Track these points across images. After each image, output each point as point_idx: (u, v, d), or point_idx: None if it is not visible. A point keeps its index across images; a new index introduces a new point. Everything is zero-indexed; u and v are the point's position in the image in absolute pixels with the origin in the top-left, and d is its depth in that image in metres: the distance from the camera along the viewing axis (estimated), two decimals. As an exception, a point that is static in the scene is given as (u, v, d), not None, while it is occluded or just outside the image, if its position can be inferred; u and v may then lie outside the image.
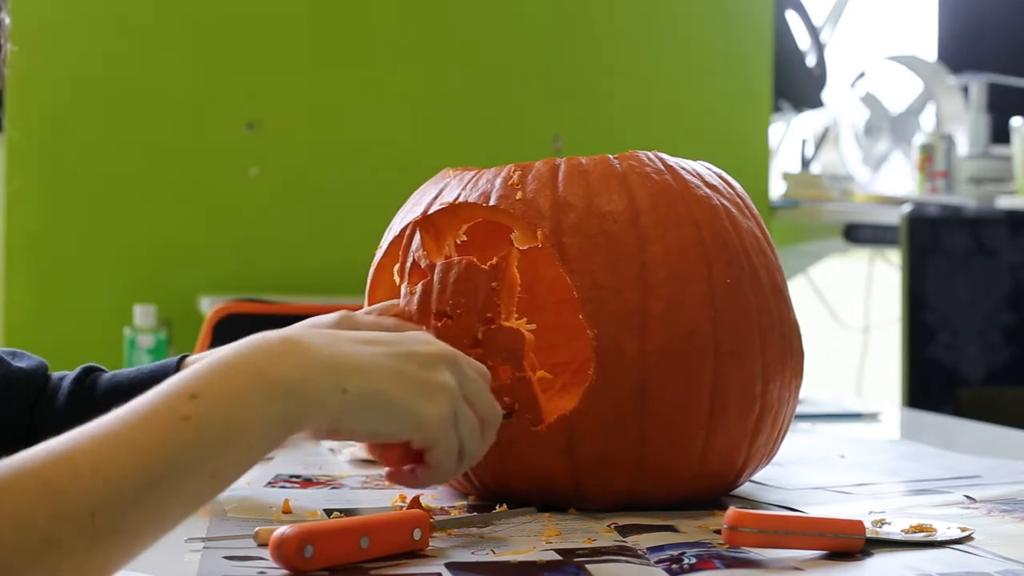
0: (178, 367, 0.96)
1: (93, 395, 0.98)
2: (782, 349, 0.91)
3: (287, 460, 1.11)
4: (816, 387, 1.66)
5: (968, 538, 0.78)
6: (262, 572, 0.70)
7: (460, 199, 0.92)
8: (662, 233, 0.88)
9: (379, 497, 0.95)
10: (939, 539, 0.78)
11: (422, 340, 0.76)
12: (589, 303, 0.86)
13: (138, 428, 0.61)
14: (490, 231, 0.95)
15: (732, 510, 0.73)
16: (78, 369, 1.01)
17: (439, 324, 0.90)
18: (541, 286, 0.95)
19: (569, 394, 0.91)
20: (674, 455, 0.87)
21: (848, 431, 1.43)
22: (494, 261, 0.89)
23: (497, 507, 0.88)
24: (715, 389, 0.87)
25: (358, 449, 1.11)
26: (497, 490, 0.91)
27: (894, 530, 0.79)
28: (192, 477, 0.62)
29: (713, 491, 0.92)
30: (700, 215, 0.90)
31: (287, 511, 0.87)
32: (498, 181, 0.92)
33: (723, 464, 0.90)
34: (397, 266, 0.95)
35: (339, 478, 1.03)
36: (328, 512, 0.87)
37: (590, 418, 0.86)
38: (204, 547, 0.76)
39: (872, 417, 1.57)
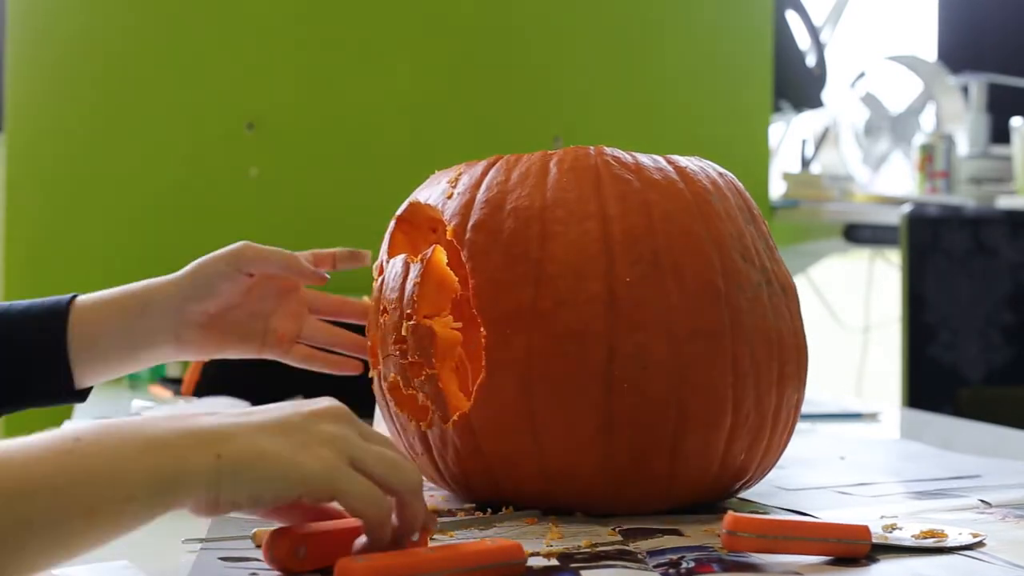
0: (69, 305, 1.01)
1: None
2: (707, 350, 0.85)
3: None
4: (816, 387, 1.66)
5: (979, 544, 0.77)
6: (254, 573, 0.69)
7: (424, 199, 0.94)
8: (564, 229, 0.86)
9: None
10: (948, 545, 0.76)
11: (299, 413, 0.69)
12: (483, 299, 0.85)
13: (24, 448, 0.61)
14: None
15: (730, 515, 0.73)
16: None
17: (382, 320, 0.92)
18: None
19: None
20: (572, 458, 0.85)
21: (848, 431, 1.43)
22: (418, 257, 0.90)
23: (504, 509, 0.89)
24: (610, 392, 0.84)
25: None
26: (507, 494, 0.90)
27: (905, 535, 0.78)
28: (69, 506, 0.61)
29: (702, 496, 0.90)
30: (615, 210, 0.87)
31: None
32: (445, 180, 0.93)
33: (642, 470, 0.86)
34: (376, 263, 0.97)
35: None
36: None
37: (485, 417, 0.86)
38: (201, 548, 0.76)
39: (872, 417, 1.57)
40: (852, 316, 3.43)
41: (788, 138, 2.95)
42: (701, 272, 0.86)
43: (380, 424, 1.13)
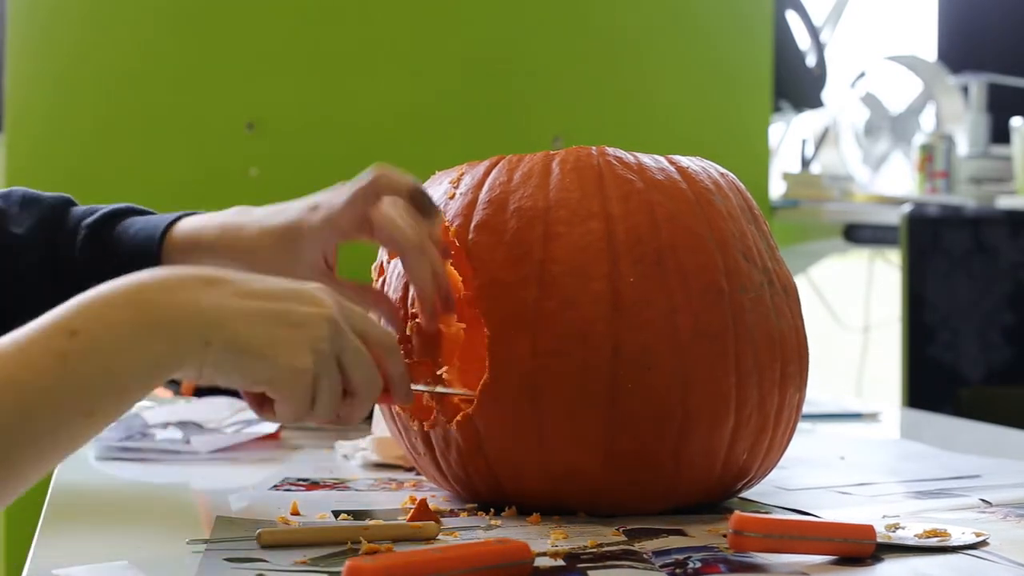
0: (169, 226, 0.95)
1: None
2: (710, 351, 0.85)
3: (296, 464, 1.11)
4: (816, 387, 1.66)
5: (983, 543, 0.77)
6: (260, 574, 0.69)
7: None
8: (567, 229, 0.86)
9: (388, 499, 0.95)
10: (952, 544, 0.76)
11: (306, 299, 0.74)
12: (486, 300, 0.85)
13: (18, 363, 0.64)
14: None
15: (737, 514, 0.73)
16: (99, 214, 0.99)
17: (383, 321, 0.92)
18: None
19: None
20: (575, 458, 0.85)
21: (848, 431, 1.43)
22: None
23: (506, 510, 0.89)
24: (614, 392, 0.84)
25: (371, 453, 1.11)
26: (510, 494, 0.90)
27: (908, 535, 0.78)
28: (68, 414, 0.66)
29: (704, 496, 0.90)
30: (618, 210, 0.87)
31: (295, 512, 0.87)
32: (446, 181, 0.93)
33: (640, 469, 0.86)
34: (376, 263, 0.97)
35: (347, 481, 1.03)
36: (336, 514, 0.87)
37: (489, 417, 0.86)
38: (206, 549, 0.76)
39: (872, 417, 1.57)
40: (852, 316, 3.43)
41: (788, 138, 2.95)
42: (704, 272, 0.86)
43: (380, 424, 1.13)
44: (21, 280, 0.97)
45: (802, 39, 2.62)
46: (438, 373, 0.89)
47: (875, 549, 0.74)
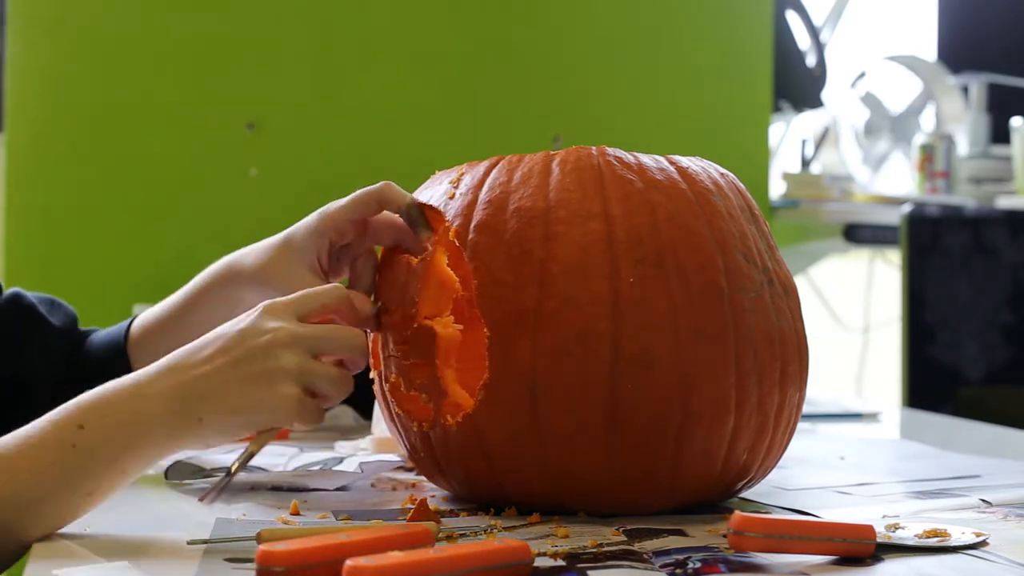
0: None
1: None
2: (710, 350, 0.85)
3: (296, 464, 1.11)
4: (816, 387, 1.66)
5: (983, 543, 0.77)
6: (262, 575, 0.69)
7: (425, 199, 0.94)
8: (567, 229, 0.86)
9: (389, 499, 0.95)
10: (952, 544, 0.76)
11: (258, 331, 0.82)
12: (486, 300, 0.86)
13: (32, 454, 0.77)
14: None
15: (737, 514, 0.73)
16: (121, 326, 1.13)
17: (384, 319, 0.92)
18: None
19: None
20: (575, 458, 0.85)
21: (848, 431, 1.43)
22: (418, 259, 0.90)
23: (506, 510, 0.89)
24: (614, 392, 0.84)
25: (371, 453, 1.11)
26: (510, 494, 0.90)
27: (908, 535, 0.78)
28: (74, 496, 0.78)
29: (704, 496, 0.90)
30: (618, 210, 0.87)
31: (295, 512, 0.87)
32: (446, 181, 0.93)
33: (642, 470, 0.86)
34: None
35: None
36: (336, 514, 0.87)
37: (489, 417, 0.86)
38: (206, 549, 0.76)
39: (872, 417, 1.58)
40: (852, 316, 3.43)
41: (788, 138, 2.95)
42: (704, 272, 0.87)
43: (380, 424, 1.13)
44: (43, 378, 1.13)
45: (802, 39, 2.62)
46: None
47: (875, 549, 0.74)
